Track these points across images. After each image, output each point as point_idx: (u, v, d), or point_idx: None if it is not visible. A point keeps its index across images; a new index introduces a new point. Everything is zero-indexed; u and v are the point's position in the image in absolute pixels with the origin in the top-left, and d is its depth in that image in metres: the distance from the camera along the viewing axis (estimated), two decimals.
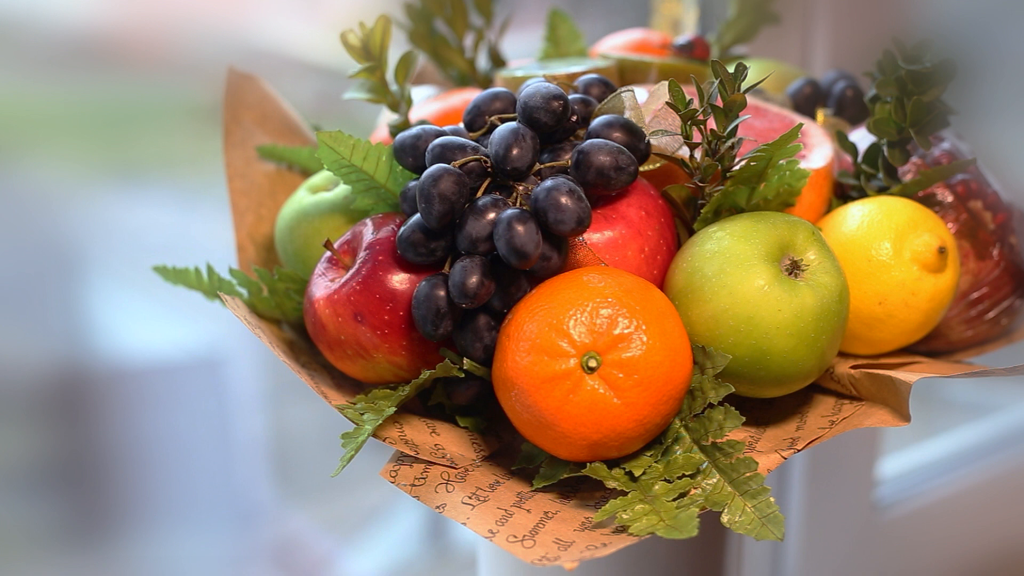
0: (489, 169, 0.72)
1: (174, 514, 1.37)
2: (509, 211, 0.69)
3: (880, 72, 0.79)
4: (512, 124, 0.71)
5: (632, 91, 0.75)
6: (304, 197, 0.82)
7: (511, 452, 0.75)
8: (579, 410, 0.67)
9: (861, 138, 0.83)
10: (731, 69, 0.72)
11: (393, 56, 0.83)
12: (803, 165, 0.79)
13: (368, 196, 0.77)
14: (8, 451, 1.25)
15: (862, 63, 0.88)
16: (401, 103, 0.83)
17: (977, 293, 0.81)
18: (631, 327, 0.68)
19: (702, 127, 0.73)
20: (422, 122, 0.84)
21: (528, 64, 0.92)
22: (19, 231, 1.18)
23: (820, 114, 0.86)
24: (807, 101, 0.89)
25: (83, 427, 1.27)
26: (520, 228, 0.68)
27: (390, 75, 0.83)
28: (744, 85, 0.72)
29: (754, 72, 0.95)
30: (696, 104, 0.73)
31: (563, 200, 0.68)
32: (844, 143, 0.81)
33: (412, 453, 0.71)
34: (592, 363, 0.67)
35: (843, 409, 0.74)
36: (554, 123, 0.72)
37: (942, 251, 0.75)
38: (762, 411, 0.76)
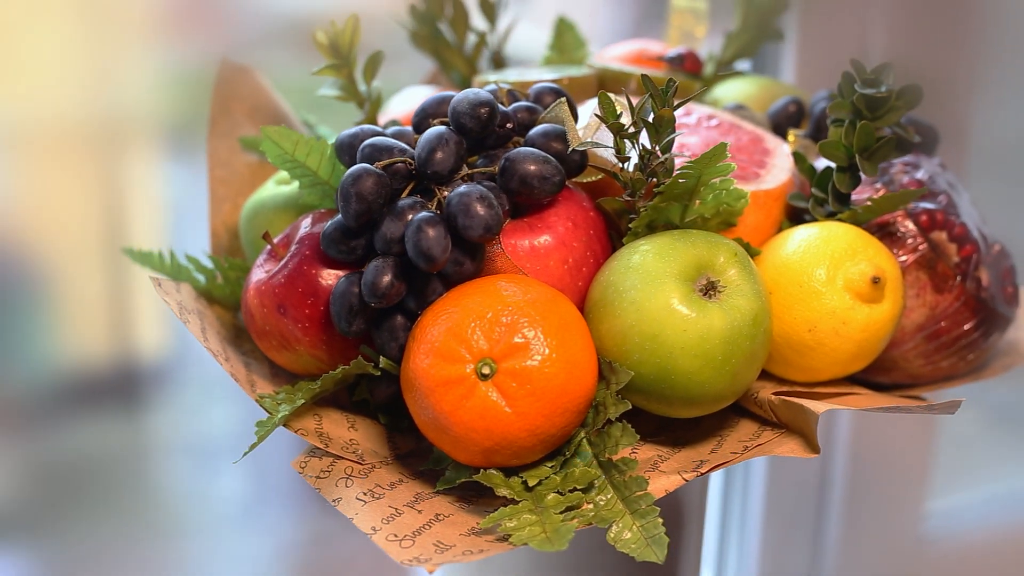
0: (414, 172, 0.73)
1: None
2: (421, 214, 0.69)
3: (840, 94, 0.77)
4: (440, 128, 0.72)
5: (564, 102, 0.74)
6: (266, 189, 0.84)
7: (426, 453, 0.76)
8: (471, 416, 0.68)
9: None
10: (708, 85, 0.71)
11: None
12: (756, 186, 0.78)
13: (314, 192, 0.78)
14: (198, 428, 1.32)
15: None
16: (367, 102, 0.85)
17: (935, 326, 0.79)
18: (529, 337, 0.68)
19: (633, 140, 0.72)
20: (393, 122, 0.85)
21: (507, 70, 0.93)
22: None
23: (791, 134, 0.84)
24: (790, 120, 0.88)
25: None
26: (429, 231, 0.68)
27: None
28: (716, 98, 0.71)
29: (745, 89, 0.93)
30: (627, 117, 0.72)
31: (473, 206, 0.69)
32: (801, 165, 0.79)
33: (322, 446, 0.73)
34: (486, 370, 0.67)
35: (762, 435, 0.73)
36: (479, 129, 0.72)
37: (876, 281, 0.73)
38: (685, 431, 0.75)
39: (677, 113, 0.82)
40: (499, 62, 0.99)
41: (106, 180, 1.22)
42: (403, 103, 0.94)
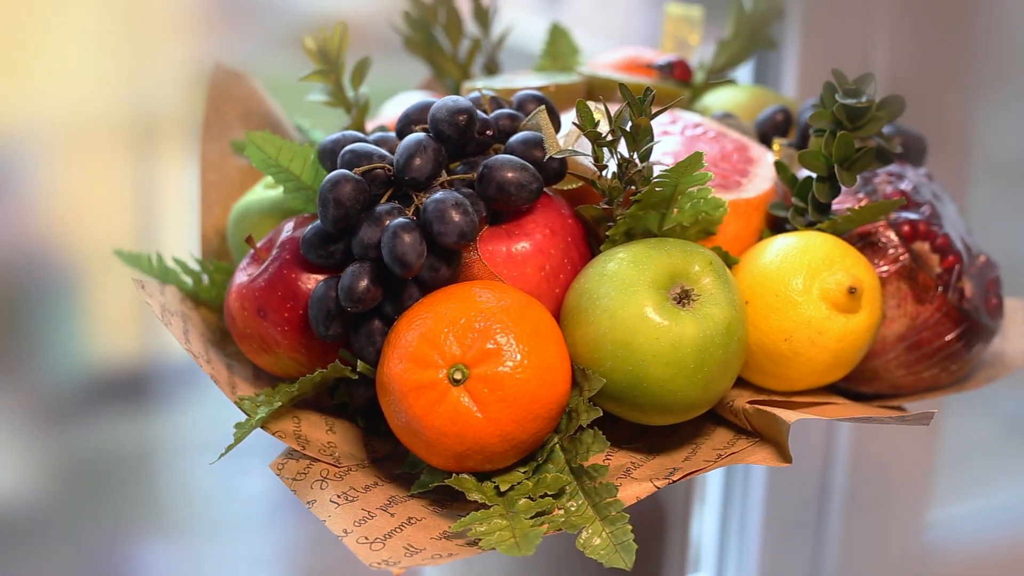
0: (392, 178, 0.73)
1: None
2: (397, 220, 0.70)
3: (821, 104, 0.77)
4: (419, 135, 0.73)
5: (544, 109, 0.75)
6: (254, 193, 0.85)
7: (403, 457, 0.76)
8: (442, 420, 0.68)
9: None
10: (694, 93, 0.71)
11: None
12: (737, 194, 0.78)
13: (298, 196, 0.79)
14: (225, 426, 1.33)
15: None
16: (354, 108, 0.85)
17: (916, 337, 0.79)
18: (501, 343, 0.68)
19: (612, 148, 0.73)
20: (381, 127, 0.86)
21: (495, 77, 0.93)
22: None
23: (776, 143, 0.84)
24: (777, 129, 0.88)
25: None
26: (405, 237, 0.69)
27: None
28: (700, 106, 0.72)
29: (736, 97, 0.93)
30: (604, 126, 0.73)
31: (448, 212, 0.69)
32: (783, 174, 0.79)
33: (299, 448, 0.73)
34: (458, 375, 0.68)
35: (737, 443, 0.73)
36: (458, 136, 0.72)
37: (852, 291, 0.73)
38: (660, 438, 0.75)
39: (663, 120, 0.83)
40: (492, 69, 0.99)
41: (137, 179, 1.23)
42: (397, 108, 0.95)
